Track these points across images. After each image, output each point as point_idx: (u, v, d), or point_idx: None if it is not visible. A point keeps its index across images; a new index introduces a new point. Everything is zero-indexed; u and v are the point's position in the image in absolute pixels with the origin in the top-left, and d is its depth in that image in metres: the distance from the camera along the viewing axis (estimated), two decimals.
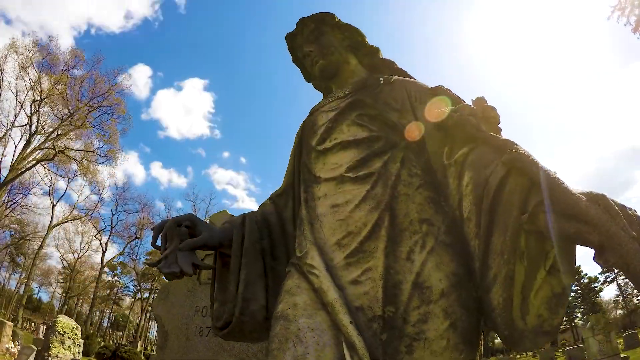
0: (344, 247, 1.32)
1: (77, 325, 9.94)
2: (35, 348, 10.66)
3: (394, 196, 1.35)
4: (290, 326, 1.22)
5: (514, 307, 1.14)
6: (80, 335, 9.74)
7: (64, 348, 9.02)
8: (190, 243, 1.34)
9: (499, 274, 1.14)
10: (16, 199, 34.32)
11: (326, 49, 1.81)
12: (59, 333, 9.19)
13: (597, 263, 1.01)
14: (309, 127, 1.76)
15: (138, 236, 42.58)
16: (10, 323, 13.66)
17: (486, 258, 1.19)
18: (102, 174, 35.14)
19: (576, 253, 1.11)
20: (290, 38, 1.96)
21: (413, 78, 1.85)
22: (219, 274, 1.56)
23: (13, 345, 13.05)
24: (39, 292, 60.18)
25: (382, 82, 1.67)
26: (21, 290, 41.75)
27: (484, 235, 1.19)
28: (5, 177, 27.91)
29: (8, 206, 33.58)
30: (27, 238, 39.94)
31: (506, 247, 1.13)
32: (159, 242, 1.38)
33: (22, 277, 44.89)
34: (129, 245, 43.01)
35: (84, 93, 31.09)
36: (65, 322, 9.59)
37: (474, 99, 1.50)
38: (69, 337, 9.27)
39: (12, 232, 39.81)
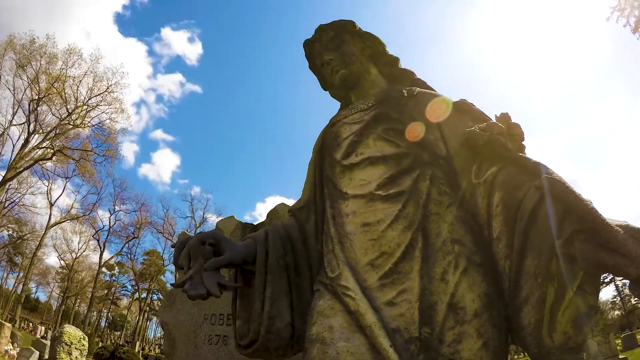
0: (377, 267, 1.31)
1: (84, 335, 9.82)
2: (35, 350, 10.58)
3: (426, 215, 1.35)
4: (328, 350, 1.22)
5: (543, 326, 1.17)
6: (87, 346, 9.62)
7: (71, 359, 8.88)
8: (216, 262, 1.31)
9: (532, 295, 1.18)
10: (14, 198, 34.19)
11: (347, 58, 1.79)
12: (66, 344, 9.03)
13: (633, 293, 1.07)
14: (331, 139, 1.72)
15: (136, 236, 42.51)
16: (8, 324, 13.54)
17: (518, 279, 1.21)
18: (100, 174, 34.99)
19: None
20: (308, 45, 1.92)
21: (433, 89, 1.83)
22: (240, 290, 1.53)
23: (12, 347, 12.95)
24: (36, 292, 60.02)
25: (405, 94, 1.65)
26: (19, 290, 41.57)
27: (517, 258, 1.22)
28: (4, 177, 27.76)
29: (5, 205, 33.42)
30: (25, 238, 39.75)
31: (540, 270, 1.16)
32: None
33: (19, 276, 44.72)
34: (126, 245, 42.90)
35: (82, 92, 30.95)
36: (72, 332, 9.46)
37: (497, 115, 1.50)
38: (76, 348, 9.13)
39: (10, 232, 39.62)
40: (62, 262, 44.66)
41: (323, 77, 1.98)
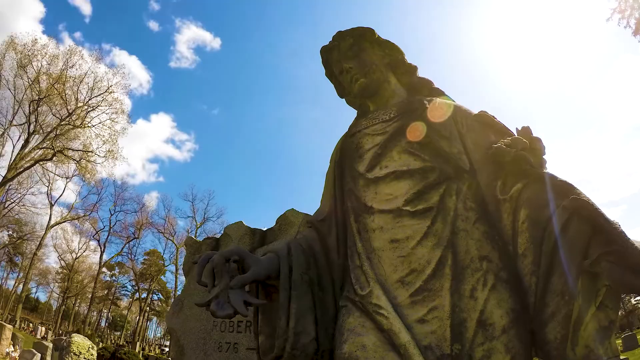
0: (407, 285, 1.33)
1: (93, 345, 9.74)
2: (37, 353, 10.54)
3: (454, 232, 1.36)
4: None
5: (567, 341, 1.20)
6: (95, 355, 9.53)
7: None
8: (242, 280, 1.29)
9: (558, 312, 1.20)
10: (14, 199, 34.15)
11: (367, 67, 1.77)
12: (75, 354, 8.93)
13: None
14: (352, 150, 1.70)
15: (136, 236, 42.47)
16: (9, 326, 13.49)
17: (544, 296, 1.24)
18: (100, 174, 34.94)
19: None
20: (325, 51, 1.90)
21: (452, 99, 1.82)
22: (262, 305, 1.50)
23: (13, 349, 12.91)
24: (36, 292, 59.94)
25: (427, 105, 1.63)
26: (19, 290, 41.53)
27: (544, 275, 1.24)
28: (4, 177, 27.71)
29: (6, 206, 33.38)
30: (25, 238, 39.70)
31: (567, 288, 1.18)
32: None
33: (19, 276, 44.67)
34: (127, 245, 42.86)
35: (82, 92, 30.90)
36: (80, 342, 9.38)
37: (519, 129, 1.51)
38: (84, 357, 9.03)
39: (10, 232, 39.57)
40: (62, 262, 44.65)
41: (340, 85, 1.96)
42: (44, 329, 34.92)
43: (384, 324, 1.27)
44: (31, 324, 38.64)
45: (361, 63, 1.76)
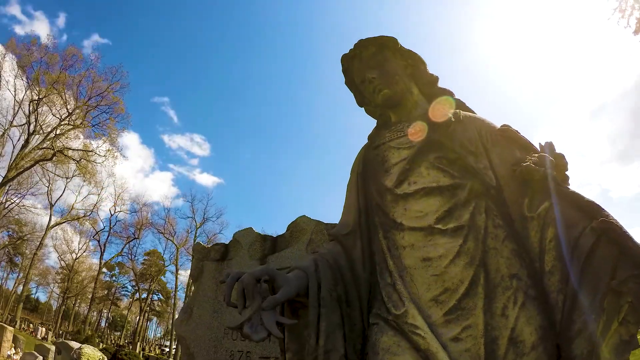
0: (441, 303, 1.33)
1: (103, 356, 9.64)
2: (38, 355, 10.49)
3: (485, 251, 1.38)
4: None
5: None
6: None
7: None
8: (274, 301, 1.28)
9: (585, 329, 1.23)
10: (14, 199, 34.09)
11: (391, 77, 1.75)
12: None
13: None
14: (378, 163, 1.69)
15: (136, 236, 42.41)
16: (11, 328, 13.44)
17: (571, 313, 1.28)
18: (100, 174, 34.88)
19: None
20: (346, 60, 1.88)
21: (473, 111, 1.82)
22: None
23: (14, 352, 12.86)
24: (36, 292, 59.89)
25: (452, 119, 1.63)
26: (19, 290, 41.49)
27: (572, 294, 1.28)
28: (4, 177, 27.65)
29: (6, 206, 33.31)
30: (25, 238, 39.64)
31: (594, 307, 1.23)
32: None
33: (19, 277, 44.62)
34: (127, 245, 42.81)
35: (82, 92, 30.84)
36: (90, 353, 9.26)
37: (542, 144, 1.55)
38: None
39: (10, 232, 39.51)
40: (62, 262, 44.60)
41: (361, 94, 1.95)
42: (44, 329, 34.89)
43: (421, 344, 1.29)
44: (31, 325, 38.58)
45: (384, 73, 1.74)
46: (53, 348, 10.61)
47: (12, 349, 12.82)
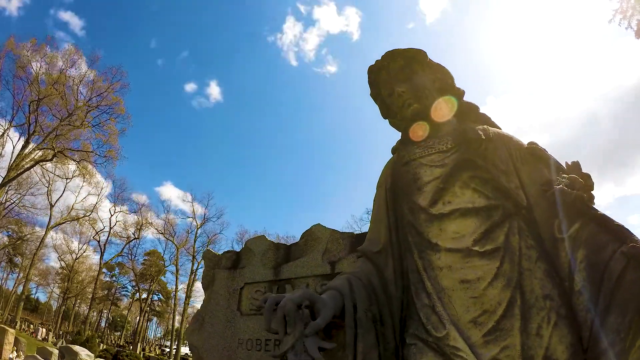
0: (480, 325, 1.36)
1: None
2: (40, 359, 10.41)
3: (520, 272, 1.41)
4: None
5: None
6: None
7: None
8: (316, 327, 1.28)
9: (612, 347, 1.27)
10: (14, 199, 34.00)
11: (420, 92, 1.74)
12: None
13: None
14: (409, 180, 1.68)
15: (137, 237, 42.31)
16: (12, 330, 13.34)
17: (599, 331, 1.31)
18: (101, 175, 34.82)
19: None
20: (374, 72, 1.85)
21: (498, 125, 1.82)
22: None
23: (16, 355, 12.78)
24: (36, 293, 59.78)
25: (483, 137, 1.64)
26: (19, 291, 41.40)
27: (601, 314, 1.32)
28: (4, 178, 27.55)
29: (6, 207, 33.21)
30: (25, 238, 39.55)
31: (624, 327, 1.26)
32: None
33: (19, 277, 44.50)
34: (127, 245, 42.71)
35: (82, 92, 30.74)
36: None
37: (569, 163, 1.58)
38: None
39: (10, 233, 39.41)
40: (62, 262, 44.49)
41: (386, 107, 1.94)
42: (44, 330, 34.83)
43: None
44: (32, 325, 38.50)
45: (414, 87, 1.73)
46: (56, 352, 10.53)
47: (14, 352, 12.74)
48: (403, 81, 1.75)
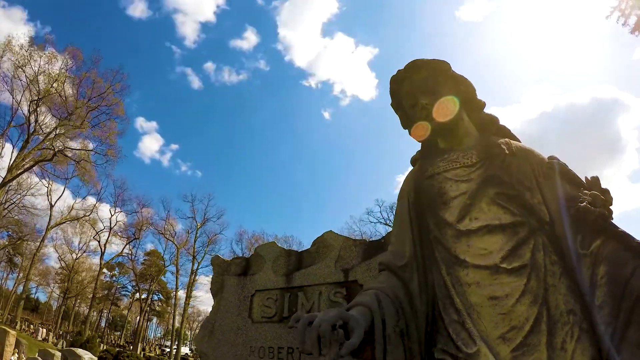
0: (508, 341, 1.39)
1: None
2: None
3: (546, 289, 1.45)
4: None
5: None
6: None
7: None
8: (350, 347, 1.27)
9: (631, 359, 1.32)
10: (14, 200, 33.93)
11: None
12: None
13: None
14: (434, 195, 1.69)
15: (137, 237, 42.27)
16: (13, 332, 13.25)
17: (619, 345, 1.35)
18: (100, 175, 34.74)
19: None
20: (395, 82, 1.84)
21: (517, 138, 1.85)
22: None
23: (17, 357, 12.70)
24: (36, 292, 59.70)
25: (506, 151, 1.66)
26: (19, 290, 41.36)
27: (621, 328, 1.36)
28: (4, 178, 27.48)
29: (6, 207, 33.14)
30: (25, 238, 39.49)
31: None
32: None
33: (19, 277, 44.43)
34: (127, 245, 42.67)
35: (82, 93, 30.66)
36: None
37: (589, 178, 1.62)
38: None
39: (10, 233, 39.33)
40: (62, 262, 44.43)
41: (407, 117, 1.91)
42: (44, 330, 34.79)
43: None
44: (32, 325, 38.45)
45: (438, 100, 1.73)
46: (58, 354, 10.47)
47: (15, 354, 12.66)
48: (426, 93, 1.73)
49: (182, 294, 42.98)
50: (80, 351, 9.32)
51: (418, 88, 1.75)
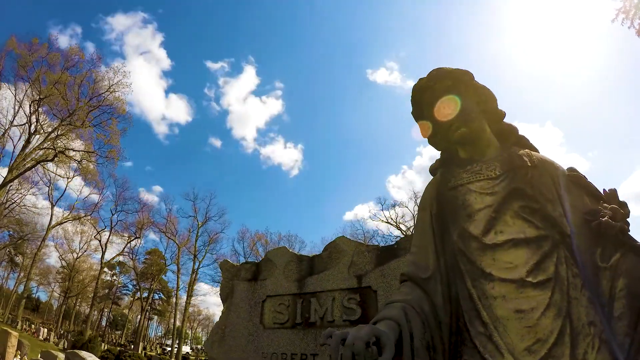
0: (534, 353, 1.41)
1: None
2: None
3: (569, 301, 1.47)
4: None
5: None
6: None
7: None
8: None
9: None
10: (15, 199, 33.92)
11: (467, 115, 1.75)
12: None
13: None
14: (458, 207, 1.70)
15: (138, 236, 42.24)
16: (15, 333, 13.22)
17: (637, 355, 1.41)
18: (102, 174, 34.73)
19: None
20: (418, 91, 1.84)
21: (536, 148, 1.86)
22: None
23: (20, 359, 12.65)
24: (37, 292, 59.71)
25: (529, 164, 1.68)
26: (20, 290, 41.36)
27: (639, 339, 1.41)
28: (5, 178, 27.45)
29: (7, 206, 33.13)
30: (26, 238, 39.48)
31: None
32: None
33: (20, 276, 44.44)
34: (128, 244, 42.65)
35: (83, 92, 30.60)
36: None
37: (607, 191, 1.67)
38: None
39: (11, 232, 39.32)
40: (63, 262, 44.44)
41: (428, 126, 1.88)
42: (45, 330, 34.78)
43: None
44: (33, 325, 38.43)
45: (462, 110, 1.74)
46: (61, 356, 10.42)
47: (17, 356, 12.62)
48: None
49: (183, 293, 42.99)
50: (84, 353, 9.24)
51: (440, 98, 1.75)
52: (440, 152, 1.98)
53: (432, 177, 2.04)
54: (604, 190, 1.67)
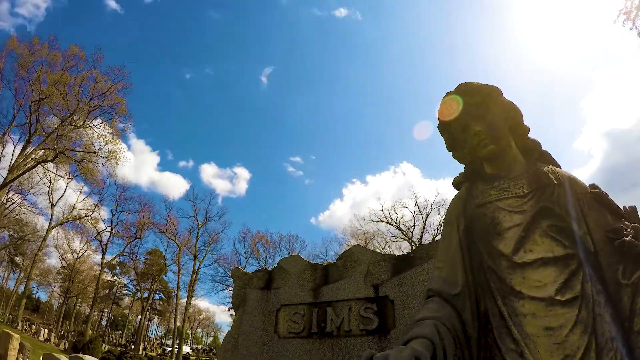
0: None
1: None
2: None
3: (594, 318, 1.51)
4: None
5: None
6: None
7: None
8: None
9: None
10: (15, 199, 33.86)
11: (496, 132, 1.77)
12: None
13: None
14: (486, 225, 1.72)
15: (138, 236, 42.20)
16: (17, 335, 13.18)
17: None
18: (102, 174, 34.66)
19: None
20: (446, 107, 1.81)
21: (558, 163, 1.90)
22: None
23: None
24: (37, 292, 59.64)
25: (555, 181, 1.71)
26: (20, 290, 41.32)
27: None
28: (5, 178, 27.39)
29: (7, 207, 33.08)
30: (26, 238, 39.42)
31: None
32: None
33: (20, 276, 44.39)
34: (129, 245, 42.60)
35: (84, 92, 30.52)
36: None
37: (627, 208, 1.73)
38: None
39: (11, 233, 39.25)
40: (63, 262, 44.37)
41: (454, 140, 1.93)
42: (46, 330, 34.75)
43: None
44: (33, 326, 38.38)
45: (490, 127, 1.76)
46: (64, 358, 10.35)
47: (19, 358, 12.54)
48: (478, 119, 1.76)
49: (183, 293, 42.96)
50: (88, 358, 9.21)
51: (469, 113, 1.77)
52: (464, 166, 1.98)
53: (456, 192, 2.03)
54: (624, 207, 1.73)
